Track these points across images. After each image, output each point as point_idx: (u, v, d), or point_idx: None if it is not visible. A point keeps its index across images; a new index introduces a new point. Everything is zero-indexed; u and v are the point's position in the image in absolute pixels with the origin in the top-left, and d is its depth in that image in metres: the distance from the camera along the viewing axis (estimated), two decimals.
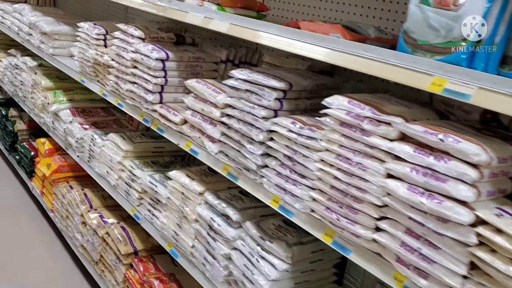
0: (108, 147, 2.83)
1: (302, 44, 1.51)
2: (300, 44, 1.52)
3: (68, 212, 3.18)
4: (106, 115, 3.48)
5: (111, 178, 2.76)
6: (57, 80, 3.70)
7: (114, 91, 2.67)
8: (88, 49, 2.89)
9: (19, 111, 4.56)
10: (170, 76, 2.33)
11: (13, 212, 3.82)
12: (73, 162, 3.49)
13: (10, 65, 4.30)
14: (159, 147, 2.84)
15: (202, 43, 2.70)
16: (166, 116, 2.23)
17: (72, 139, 3.17)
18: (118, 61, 2.56)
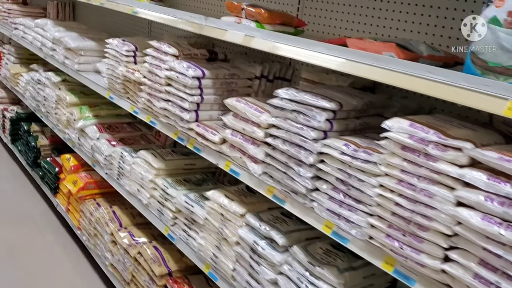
0: (139, 164, 2.78)
1: (358, 65, 1.46)
2: (356, 65, 1.46)
3: (97, 230, 3.14)
4: (132, 131, 3.45)
5: (142, 196, 2.71)
6: (81, 95, 3.68)
7: (146, 109, 2.63)
8: (117, 65, 2.86)
9: (41, 126, 4.55)
10: (206, 93, 2.29)
11: (38, 228, 3.78)
12: (99, 179, 3.46)
13: (32, 80, 4.29)
14: (190, 164, 2.80)
15: (234, 59, 2.65)
16: (203, 135, 2.19)
17: (100, 156, 3.14)
18: (151, 78, 2.52)
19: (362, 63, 1.45)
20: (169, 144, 3.33)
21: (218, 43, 3.14)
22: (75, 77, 3.46)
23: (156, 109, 2.51)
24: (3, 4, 5.17)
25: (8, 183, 4.51)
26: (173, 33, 3.53)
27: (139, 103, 2.69)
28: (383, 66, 1.40)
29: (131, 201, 2.85)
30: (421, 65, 1.35)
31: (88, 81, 3.29)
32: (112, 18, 4.50)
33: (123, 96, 2.88)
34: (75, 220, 3.48)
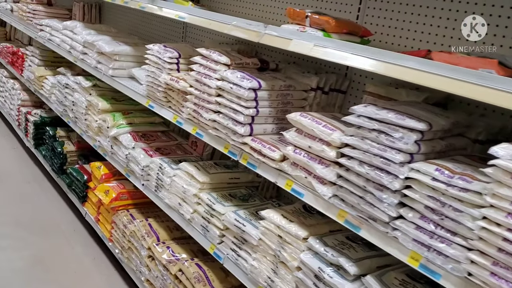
0: (180, 177, 2.65)
1: (461, 84, 1.31)
2: (459, 84, 1.32)
3: (131, 243, 3.01)
4: (167, 140, 3.32)
5: (184, 211, 2.58)
6: (113, 101, 3.56)
7: (192, 119, 2.50)
8: (159, 73, 2.73)
9: (67, 131, 4.44)
10: (262, 106, 2.15)
11: (66, 239, 3.66)
12: (132, 189, 3.33)
13: (59, 84, 4.17)
14: (234, 178, 2.66)
15: (286, 69, 2.52)
16: (260, 150, 2.05)
17: (136, 166, 3.01)
18: (199, 88, 2.39)
19: (466, 81, 1.31)
20: (206, 154, 3.20)
21: (261, 50, 3.01)
22: (109, 83, 3.34)
23: (204, 120, 2.38)
24: (28, 5, 5.07)
25: (32, 189, 4.39)
26: (213, 38, 3.40)
27: (184, 113, 2.56)
28: (499, 87, 1.25)
29: (171, 215, 2.72)
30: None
31: (124, 88, 3.16)
32: (142, 20, 4.39)
33: (164, 105, 2.75)
34: (106, 231, 3.35)
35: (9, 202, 4.06)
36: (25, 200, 4.15)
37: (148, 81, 2.85)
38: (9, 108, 5.59)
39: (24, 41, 6.66)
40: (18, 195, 4.22)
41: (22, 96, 5.26)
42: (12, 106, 5.48)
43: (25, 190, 4.33)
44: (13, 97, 5.45)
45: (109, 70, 3.31)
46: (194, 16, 2.45)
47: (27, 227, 3.73)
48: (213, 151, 3.21)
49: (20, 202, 4.11)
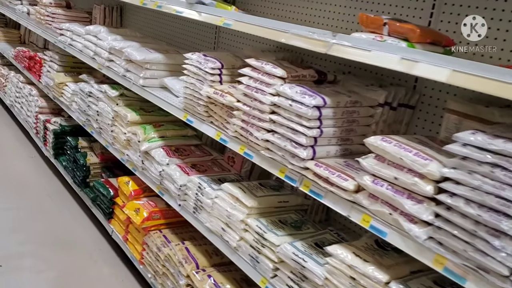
0: (223, 199, 2.40)
1: None
2: None
3: (166, 269, 2.76)
4: (202, 155, 3.07)
5: (229, 238, 2.33)
6: (142, 112, 3.31)
7: (239, 138, 2.24)
8: (199, 85, 2.48)
9: (89, 141, 4.20)
10: (325, 126, 1.90)
11: (91, 258, 3.43)
12: (164, 207, 3.09)
13: (82, 92, 3.94)
14: (283, 202, 2.41)
15: (345, 81, 2.26)
16: (327, 178, 1.79)
17: (172, 184, 2.76)
18: (248, 103, 2.14)
19: None
20: (244, 171, 2.95)
21: (307, 58, 2.75)
22: (139, 93, 3.09)
23: (254, 139, 2.13)
24: (47, 8, 4.85)
25: (53, 202, 4.16)
26: (250, 44, 3.14)
27: (229, 130, 2.31)
28: None
29: (213, 240, 2.47)
30: None
31: (157, 99, 2.91)
32: (167, 24, 4.14)
33: (205, 120, 2.50)
34: (136, 253, 3.11)
35: (31, 217, 3.84)
36: (46, 215, 3.92)
37: (186, 94, 2.60)
38: (26, 115, 5.38)
39: (39, 44, 6.46)
40: (39, 209, 4.00)
41: (40, 102, 5.04)
42: (29, 113, 5.26)
43: (46, 204, 4.11)
44: (30, 104, 5.24)
45: (140, 80, 3.06)
46: (242, 22, 2.19)
47: (50, 245, 3.50)
48: (252, 167, 2.96)
49: (42, 217, 3.88)
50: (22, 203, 4.05)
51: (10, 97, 5.95)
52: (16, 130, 5.73)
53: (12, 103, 5.88)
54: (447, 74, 1.39)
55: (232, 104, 2.24)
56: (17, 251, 3.37)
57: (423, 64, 1.46)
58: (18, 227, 3.67)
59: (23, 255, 3.33)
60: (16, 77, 5.81)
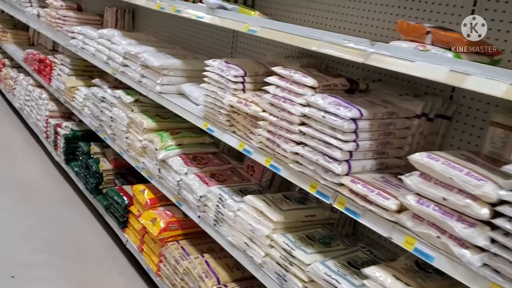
0: (246, 212, 2.30)
1: None
2: None
3: (185, 282, 2.67)
4: (220, 163, 2.97)
5: (253, 253, 2.23)
6: (159, 119, 3.22)
7: (264, 149, 2.14)
8: (221, 93, 2.38)
9: (102, 147, 4.11)
10: (361, 139, 1.80)
11: (106, 269, 3.33)
12: (181, 217, 2.99)
13: (95, 97, 3.85)
14: (310, 216, 2.31)
15: (377, 90, 2.15)
16: (366, 196, 1.68)
17: (191, 195, 2.66)
18: (276, 114, 2.04)
19: None
20: (265, 181, 2.85)
21: (331, 65, 2.65)
22: (156, 100, 3.00)
23: (281, 152, 2.03)
24: (58, 11, 4.76)
25: (64, 208, 4.07)
26: (274, 51, 3.03)
27: (253, 141, 2.21)
28: None
29: (235, 255, 2.37)
30: None
31: (175, 107, 2.81)
32: (181, 27, 4.04)
33: (227, 129, 2.40)
34: (152, 264, 3.01)
35: (42, 224, 3.74)
36: (58, 222, 3.83)
37: (207, 102, 2.50)
38: (36, 119, 5.29)
39: (48, 47, 6.39)
40: (51, 216, 3.91)
41: (50, 106, 4.95)
42: (39, 116, 5.18)
43: (57, 210, 4.02)
44: (40, 107, 5.15)
45: (157, 86, 2.97)
46: (269, 29, 2.09)
47: (63, 254, 3.41)
48: (273, 176, 2.86)
49: (53, 224, 3.79)
50: (33, 209, 3.96)
51: (19, 100, 5.87)
52: (25, 134, 5.65)
53: (22, 106, 5.80)
54: (504, 89, 1.28)
55: (257, 114, 2.14)
56: (29, 260, 3.28)
57: (475, 77, 1.35)
58: (29, 234, 3.59)
59: (35, 265, 3.24)
60: (26, 80, 5.73)
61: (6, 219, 3.75)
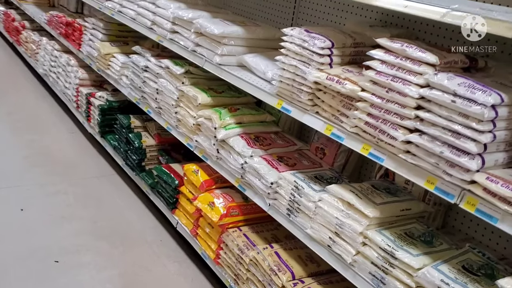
0: (330, 204, 2.05)
1: None
2: None
3: (252, 274, 2.45)
4: (285, 144, 2.70)
5: (341, 251, 1.98)
6: (213, 93, 2.93)
7: (361, 135, 1.87)
8: (303, 67, 2.08)
9: (142, 120, 3.84)
10: (499, 128, 1.51)
11: (155, 253, 3.12)
12: (242, 202, 2.76)
13: (136, 66, 3.55)
14: (405, 209, 2.05)
15: (497, 68, 1.84)
16: (505, 196, 1.41)
17: (258, 180, 2.41)
18: (380, 94, 1.75)
19: None
20: (338, 165, 2.58)
21: (422, 36, 2.33)
22: (215, 73, 2.70)
23: (387, 139, 1.75)
24: None
25: (102, 185, 3.85)
26: (346, 18, 2.71)
27: (346, 124, 1.93)
28: None
29: (316, 250, 2.13)
30: None
31: (239, 81, 2.52)
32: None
33: (309, 110, 2.12)
34: (209, 250, 2.79)
35: (81, 203, 3.53)
36: (97, 201, 3.62)
37: (283, 77, 2.20)
38: (64, 87, 5.01)
39: (70, 8, 6.03)
40: (89, 194, 3.69)
41: (80, 74, 4.67)
42: (68, 84, 4.90)
43: (95, 188, 3.80)
44: (69, 75, 4.87)
45: (216, 57, 2.66)
46: None
47: (107, 237, 3.20)
48: (346, 161, 2.60)
49: (93, 203, 3.57)
50: (70, 186, 3.74)
51: (44, 66, 5.57)
52: (51, 102, 5.38)
53: (46, 72, 5.52)
54: None
55: (355, 94, 1.85)
56: (72, 244, 3.07)
57: None
58: (68, 215, 3.37)
59: (78, 249, 3.04)
60: (51, 44, 5.42)
61: (43, 198, 3.53)
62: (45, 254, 2.93)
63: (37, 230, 3.15)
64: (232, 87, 3.09)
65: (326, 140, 2.62)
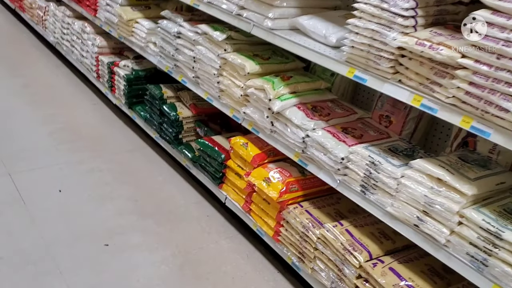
0: (417, 181, 1.89)
1: None
2: None
3: (320, 252, 2.33)
4: (345, 113, 2.52)
5: (433, 231, 1.85)
6: (260, 60, 2.72)
7: (460, 106, 1.69)
8: (383, 31, 1.87)
9: (174, 90, 3.64)
10: None
11: (204, 230, 3.00)
12: (299, 176, 2.62)
13: (167, 33, 3.31)
14: (500, 183, 1.89)
15: None
16: None
17: (324, 155, 2.25)
18: (489, 61, 1.56)
19: None
20: (406, 134, 2.41)
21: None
22: (266, 39, 2.48)
23: (495, 112, 1.58)
24: None
25: (136, 160, 3.68)
26: None
27: (440, 94, 1.75)
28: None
29: (399, 229, 1.99)
30: None
31: (298, 48, 2.31)
32: None
33: (389, 78, 1.92)
34: (266, 227, 2.67)
35: (118, 180, 3.38)
36: (134, 177, 3.47)
37: (356, 42, 1.99)
38: (80, 55, 4.75)
39: None
40: (124, 169, 3.54)
41: (98, 41, 4.40)
42: (85, 53, 4.64)
43: (129, 163, 3.64)
44: (85, 43, 4.60)
45: (267, 21, 2.44)
46: None
47: (152, 215, 3.07)
48: (414, 129, 2.42)
49: (130, 179, 3.43)
50: (102, 161, 3.58)
51: (55, 34, 5.28)
52: (67, 73, 5.14)
53: (58, 40, 5.23)
54: None
55: (453, 61, 1.66)
56: (118, 225, 2.95)
57: None
58: (108, 194, 3.23)
59: (126, 230, 2.91)
60: (61, 10, 5.11)
61: (79, 176, 3.38)
62: (93, 237, 2.81)
63: (80, 212, 3.02)
64: (278, 52, 2.87)
65: (392, 106, 2.44)
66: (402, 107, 2.40)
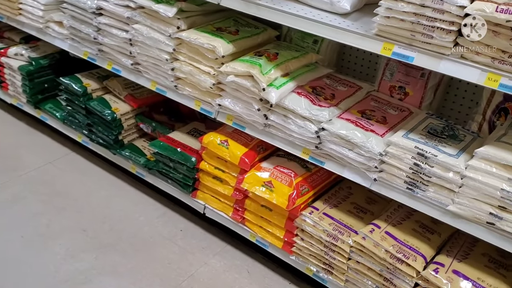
0: (486, 172, 1.58)
1: None
2: None
3: (355, 262, 1.96)
4: (350, 90, 2.09)
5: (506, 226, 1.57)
6: (230, 36, 2.13)
7: None
8: None
9: (98, 79, 2.87)
10: None
11: (183, 249, 2.46)
12: (305, 173, 2.19)
13: (77, 9, 2.52)
14: None
15: None
16: None
17: (350, 151, 1.83)
18: None
19: None
20: (425, 105, 2.06)
21: None
22: (247, 11, 1.89)
23: None
24: None
25: (64, 174, 2.91)
26: None
27: None
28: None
29: (468, 230, 1.68)
30: None
31: (302, 22, 1.78)
32: None
33: (448, 54, 1.52)
34: (271, 237, 2.22)
35: (53, 205, 2.64)
36: (70, 196, 2.73)
37: (394, 11, 1.53)
38: None
39: None
40: (53, 188, 2.77)
41: None
42: None
43: (56, 177, 2.85)
44: None
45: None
46: None
47: (113, 245, 2.44)
48: (433, 98, 2.09)
49: (65, 201, 2.69)
50: (23, 184, 2.76)
51: None
52: None
53: None
54: None
55: None
56: (76, 272, 2.28)
57: None
58: (46, 229, 2.49)
59: (89, 276, 2.27)
60: None
61: (1, 209, 2.59)
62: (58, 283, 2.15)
63: (17, 264, 2.29)
64: (242, 20, 2.30)
65: (405, 75, 2.06)
66: (417, 74, 2.04)
